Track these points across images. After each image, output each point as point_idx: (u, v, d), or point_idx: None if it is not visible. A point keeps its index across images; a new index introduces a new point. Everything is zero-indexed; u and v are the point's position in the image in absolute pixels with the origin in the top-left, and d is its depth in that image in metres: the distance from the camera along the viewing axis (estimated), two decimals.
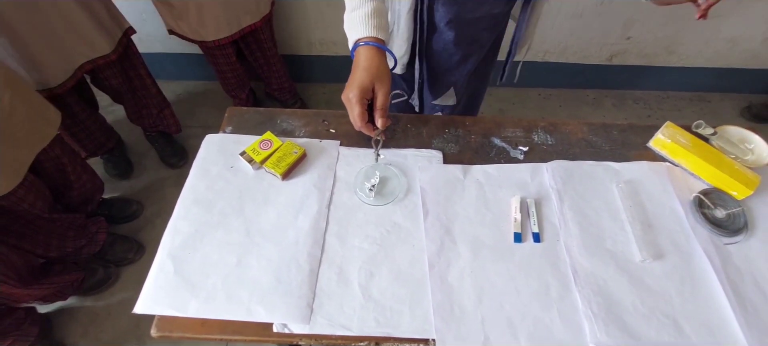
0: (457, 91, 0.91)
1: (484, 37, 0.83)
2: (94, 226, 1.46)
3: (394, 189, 0.69)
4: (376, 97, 0.65)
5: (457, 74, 0.87)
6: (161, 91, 1.64)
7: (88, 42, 1.26)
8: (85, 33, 1.24)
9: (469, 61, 0.85)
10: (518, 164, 0.73)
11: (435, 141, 0.76)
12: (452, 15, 0.74)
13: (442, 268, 0.61)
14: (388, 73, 0.66)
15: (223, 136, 0.75)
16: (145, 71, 1.53)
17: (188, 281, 0.59)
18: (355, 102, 0.64)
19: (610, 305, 0.59)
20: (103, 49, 1.31)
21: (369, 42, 0.65)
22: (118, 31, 1.35)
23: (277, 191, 0.68)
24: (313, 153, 0.73)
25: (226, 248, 0.62)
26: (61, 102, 1.37)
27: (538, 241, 0.65)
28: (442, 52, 0.81)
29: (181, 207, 0.66)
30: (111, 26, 1.32)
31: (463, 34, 0.78)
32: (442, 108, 0.96)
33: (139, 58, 1.50)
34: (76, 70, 1.28)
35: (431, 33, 0.79)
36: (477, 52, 0.85)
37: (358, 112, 0.64)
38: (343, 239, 0.64)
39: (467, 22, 0.76)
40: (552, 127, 0.78)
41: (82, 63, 1.28)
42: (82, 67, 1.29)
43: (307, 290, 0.59)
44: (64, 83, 1.26)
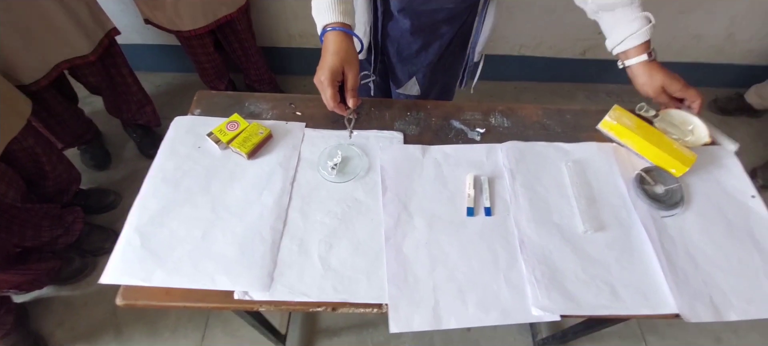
0: (421, 82, 0.95)
1: (443, 29, 0.86)
2: (70, 216, 1.46)
3: (356, 168, 0.72)
4: (347, 79, 0.68)
5: (418, 64, 0.91)
6: (143, 88, 1.63)
7: (66, 42, 1.26)
8: (63, 33, 1.23)
9: (430, 51, 0.89)
10: (475, 145, 0.77)
11: (397, 123, 0.79)
12: (404, 4, 0.77)
13: (398, 240, 0.65)
14: (356, 56, 0.69)
15: (192, 118, 0.78)
16: (127, 70, 1.52)
17: (154, 253, 0.61)
18: (327, 84, 0.67)
19: (553, 273, 0.64)
20: (82, 49, 1.30)
21: (337, 27, 0.68)
22: (100, 32, 1.35)
23: (242, 169, 0.71)
24: (279, 134, 0.76)
25: (192, 223, 0.65)
26: (38, 95, 1.37)
27: (489, 215, 0.69)
28: (400, 39, 0.85)
29: (149, 185, 0.69)
30: (92, 27, 1.31)
31: (420, 23, 0.81)
32: (406, 97, 1.00)
33: (121, 57, 1.49)
34: (51, 70, 1.27)
35: (387, 19, 0.82)
36: (437, 43, 0.88)
37: (331, 93, 0.67)
38: (306, 213, 0.67)
39: (421, 13, 0.80)
40: (509, 111, 0.83)
41: (58, 62, 1.28)
42: (58, 67, 1.29)
43: (269, 261, 0.62)
44: (37, 81, 1.25)
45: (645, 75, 0.72)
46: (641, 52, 0.71)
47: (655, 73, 0.72)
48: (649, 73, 0.72)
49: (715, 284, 0.65)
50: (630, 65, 0.74)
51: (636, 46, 0.71)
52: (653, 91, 0.72)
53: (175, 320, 1.40)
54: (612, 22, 0.73)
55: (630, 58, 0.73)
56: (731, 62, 2.15)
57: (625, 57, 0.74)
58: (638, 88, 0.75)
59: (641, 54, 0.72)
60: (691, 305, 0.62)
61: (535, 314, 0.60)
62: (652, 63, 0.72)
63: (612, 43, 0.74)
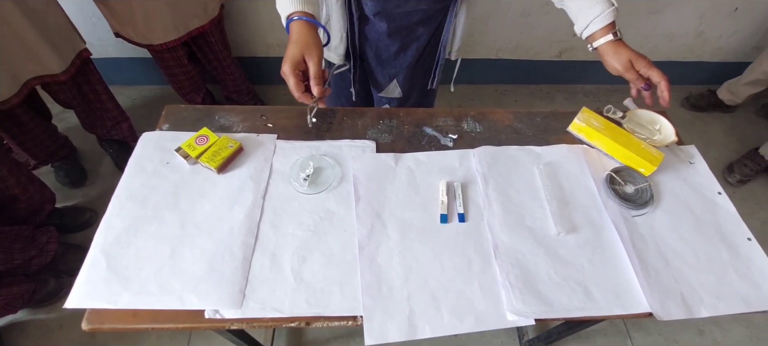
0: (401, 84, 0.95)
1: (420, 31, 0.87)
2: (43, 236, 1.41)
3: (328, 178, 0.72)
4: (309, 68, 0.67)
5: (398, 66, 0.91)
6: (118, 105, 1.60)
7: (37, 59, 1.23)
8: (34, 50, 1.20)
9: (408, 53, 0.89)
10: (448, 151, 0.78)
11: (370, 132, 0.79)
12: (380, 7, 0.78)
13: (372, 250, 0.65)
14: (318, 44, 0.68)
15: (160, 133, 0.76)
16: (101, 87, 1.49)
17: (120, 275, 0.60)
18: (288, 74, 0.66)
19: (527, 276, 0.64)
20: (53, 68, 1.27)
21: (300, 16, 0.67)
22: (72, 53, 1.32)
23: (213, 184, 0.70)
24: (250, 147, 0.75)
25: (159, 240, 0.63)
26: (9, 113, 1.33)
27: (462, 221, 0.69)
28: (377, 42, 0.85)
29: (115, 204, 0.67)
30: (63, 47, 1.28)
31: (396, 25, 0.82)
32: (389, 100, 1.00)
33: (96, 75, 1.46)
34: (22, 87, 1.24)
35: (364, 23, 0.82)
36: (415, 45, 0.89)
37: (293, 82, 0.66)
38: (278, 227, 0.66)
39: (396, 16, 0.80)
40: (481, 116, 0.83)
41: (28, 79, 1.25)
42: (28, 84, 1.26)
43: (240, 277, 0.61)
44: (8, 100, 1.22)
45: (611, 52, 0.74)
46: (607, 32, 0.73)
47: (622, 50, 0.74)
48: (615, 50, 0.74)
49: (685, 281, 0.66)
50: (598, 46, 0.76)
51: (601, 27, 0.73)
52: (622, 66, 0.74)
53: (157, 339, 1.36)
54: (576, 8, 0.75)
55: (597, 39, 0.75)
56: (702, 60, 2.22)
57: (593, 39, 0.76)
58: (607, 67, 0.77)
59: (607, 34, 0.73)
60: (662, 304, 0.63)
61: (510, 319, 0.60)
62: (618, 42, 0.74)
63: (579, 27, 0.76)
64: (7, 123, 1.35)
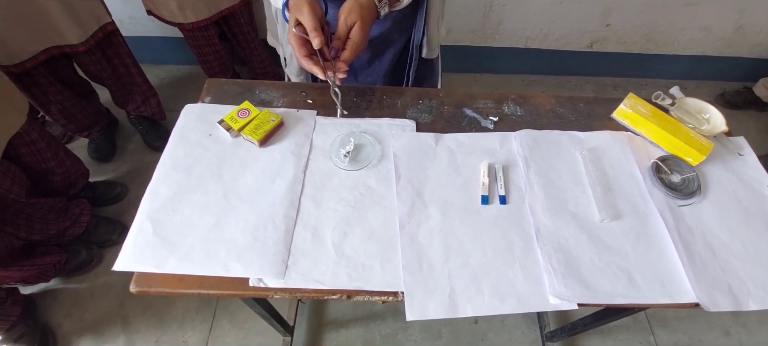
0: None
1: (395, 36, 0.84)
2: (77, 208, 1.46)
3: (369, 155, 0.72)
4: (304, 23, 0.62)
5: (373, 74, 0.88)
6: (148, 80, 1.63)
7: (56, 29, 1.26)
8: (54, 20, 1.23)
9: (384, 60, 0.86)
10: (488, 133, 0.76)
11: (409, 111, 0.78)
12: None
13: (413, 228, 0.65)
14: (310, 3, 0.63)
15: (202, 106, 0.77)
16: (130, 60, 1.52)
17: (167, 240, 0.61)
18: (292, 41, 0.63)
19: (569, 260, 0.63)
20: (71, 39, 1.30)
21: None
22: (95, 25, 1.34)
23: (254, 157, 0.70)
24: (291, 122, 0.75)
25: (204, 210, 0.64)
26: (44, 81, 1.37)
27: (504, 203, 0.68)
28: None
29: (160, 172, 0.68)
30: (86, 19, 1.31)
31: None
32: None
33: (124, 47, 1.49)
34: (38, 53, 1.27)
35: None
36: (390, 51, 0.86)
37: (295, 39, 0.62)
38: (318, 201, 0.66)
39: None
40: (522, 100, 0.82)
41: (48, 47, 1.28)
42: (48, 50, 1.29)
43: (283, 248, 0.61)
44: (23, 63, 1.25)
45: None
46: None
47: None
48: None
49: (733, 272, 0.64)
50: None
51: None
52: None
53: (183, 312, 1.40)
54: None
55: None
56: (740, 55, 2.13)
57: None
58: None
59: None
60: (709, 294, 0.61)
61: (553, 302, 0.59)
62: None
63: None
64: (35, 91, 1.38)
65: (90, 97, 1.64)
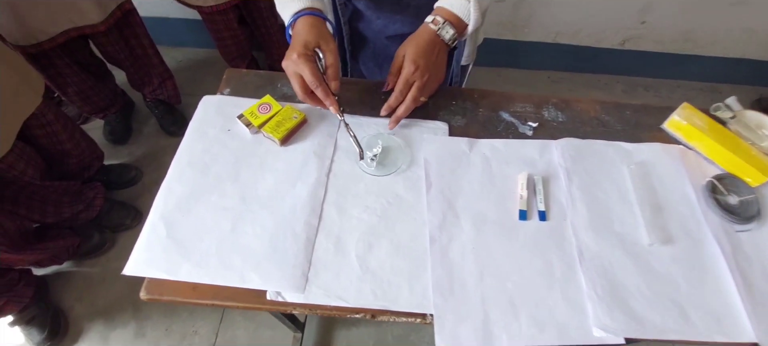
0: None
1: None
2: (91, 191, 1.44)
3: (397, 160, 0.66)
4: (325, 57, 0.61)
5: None
6: (164, 61, 1.60)
7: (76, 9, 1.23)
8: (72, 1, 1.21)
9: None
10: (526, 140, 0.70)
11: (441, 113, 0.73)
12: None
13: (444, 242, 0.59)
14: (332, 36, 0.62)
15: (221, 98, 0.72)
16: (148, 41, 1.49)
17: (180, 244, 0.57)
18: (302, 60, 0.59)
19: (615, 288, 0.57)
20: (92, 18, 1.27)
21: (309, 12, 0.62)
22: (112, 4, 1.31)
23: (274, 156, 0.66)
24: (314, 119, 0.70)
25: (220, 212, 0.60)
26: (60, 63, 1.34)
27: (543, 219, 0.62)
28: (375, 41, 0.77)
29: (176, 169, 0.64)
30: None
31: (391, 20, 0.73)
32: None
33: (141, 28, 1.46)
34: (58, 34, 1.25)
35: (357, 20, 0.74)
36: None
37: (310, 69, 0.58)
38: (342, 208, 0.62)
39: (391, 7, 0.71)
40: (563, 104, 0.75)
41: (67, 28, 1.25)
42: (67, 32, 1.26)
43: (303, 259, 0.57)
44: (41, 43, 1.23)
45: None
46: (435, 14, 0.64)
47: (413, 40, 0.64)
48: None
49: None
50: None
51: None
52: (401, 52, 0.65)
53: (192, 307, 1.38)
54: None
55: None
56: None
57: None
58: None
59: None
60: None
61: (597, 335, 0.54)
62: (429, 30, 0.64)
63: None
64: (52, 72, 1.36)
65: (106, 79, 1.61)
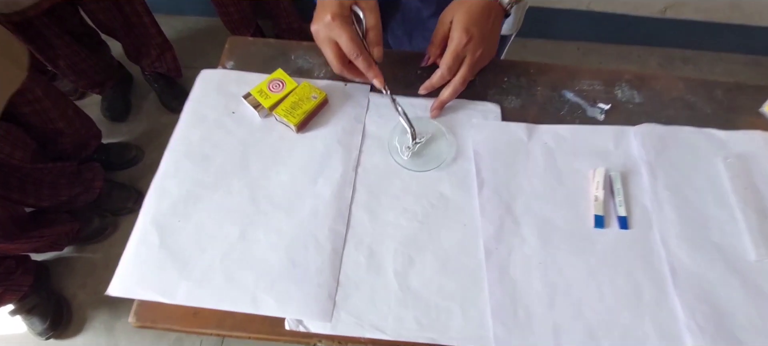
0: None
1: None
2: (89, 173, 1.34)
3: (440, 151, 0.54)
4: (366, 18, 0.50)
5: None
6: (162, 32, 1.47)
7: None
8: None
9: None
10: (597, 126, 0.57)
11: (490, 92, 0.59)
12: None
13: (502, 256, 0.48)
14: None
15: (224, 72, 0.60)
16: (143, 8, 1.35)
17: (177, 257, 0.46)
18: (337, 25, 0.47)
19: (720, 316, 0.46)
20: None
21: None
22: None
23: (290, 146, 0.54)
24: (337, 100, 0.57)
25: (226, 216, 0.49)
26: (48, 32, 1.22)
27: (625, 227, 0.50)
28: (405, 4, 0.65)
29: (170, 161, 0.52)
30: None
31: None
32: None
33: None
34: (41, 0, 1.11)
35: None
36: None
37: (348, 34, 0.47)
38: (375, 212, 0.50)
39: None
40: (639, 82, 0.61)
41: None
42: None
43: (329, 277, 0.45)
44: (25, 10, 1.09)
45: None
46: None
47: None
48: None
49: None
50: None
51: None
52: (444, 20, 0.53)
53: None
54: None
55: None
56: None
57: None
58: None
59: None
60: None
61: None
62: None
63: None
64: (40, 43, 1.24)
65: (100, 51, 1.49)
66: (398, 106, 0.52)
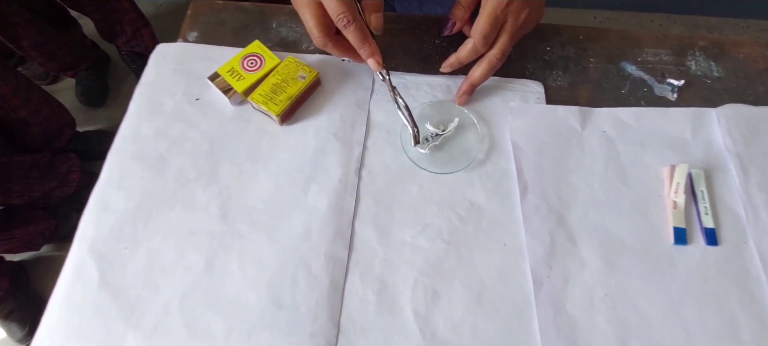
0: None
1: None
2: (64, 165, 1.22)
3: (469, 145, 0.41)
4: None
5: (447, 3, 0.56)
6: (137, 6, 1.34)
7: None
8: None
9: None
10: (669, 109, 0.45)
11: (531, 66, 0.47)
12: None
13: (557, 287, 0.36)
14: None
15: (185, 46, 0.47)
16: None
17: (123, 299, 0.34)
18: None
19: None
20: None
21: None
22: None
23: (272, 143, 0.41)
24: (333, 80, 0.44)
25: (187, 241, 0.37)
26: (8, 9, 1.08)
27: (713, 242, 0.38)
28: None
29: (114, 167, 0.40)
30: None
31: None
32: None
33: None
34: None
35: None
36: None
37: None
38: (385, 229, 0.38)
39: None
40: (717, 50, 0.48)
41: None
42: None
43: (327, 321, 0.34)
44: None
45: None
46: None
47: None
48: None
49: None
50: None
51: None
52: None
53: None
54: None
55: None
56: None
57: None
58: None
59: None
60: None
61: None
62: None
63: None
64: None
65: (70, 29, 1.34)
66: (398, 97, 0.39)
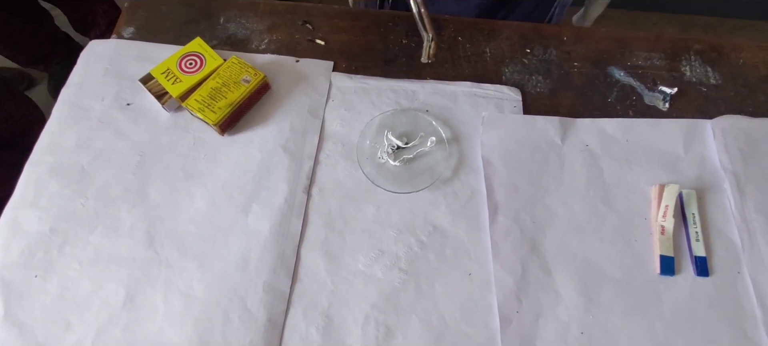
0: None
1: None
2: None
3: (434, 161, 0.37)
4: None
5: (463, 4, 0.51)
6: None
7: None
8: None
9: None
10: (660, 120, 0.40)
11: (507, 70, 0.42)
12: None
13: (526, 323, 0.32)
14: None
15: (118, 43, 0.42)
16: None
17: (30, 336, 0.30)
18: None
19: None
20: None
21: None
22: None
23: (211, 156, 0.36)
24: (284, 84, 0.40)
25: (107, 269, 0.32)
26: None
27: (704, 273, 0.34)
28: None
29: (29, 181, 0.35)
30: None
31: None
32: None
33: None
34: None
35: None
36: None
37: None
38: (335, 256, 0.33)
39: None
40: (715, 53, 0.44)
41: None
42: None
43: None
44: None
45: None
46: None
47: None
48: None
49: None
50: None
51: None
52: None
53: None
54: None
55: None
56: None
57: None
58: None
59: None
60: None
61: None
62: None
63: None
64: None
65: (39, 20, 1.27)
66: None
